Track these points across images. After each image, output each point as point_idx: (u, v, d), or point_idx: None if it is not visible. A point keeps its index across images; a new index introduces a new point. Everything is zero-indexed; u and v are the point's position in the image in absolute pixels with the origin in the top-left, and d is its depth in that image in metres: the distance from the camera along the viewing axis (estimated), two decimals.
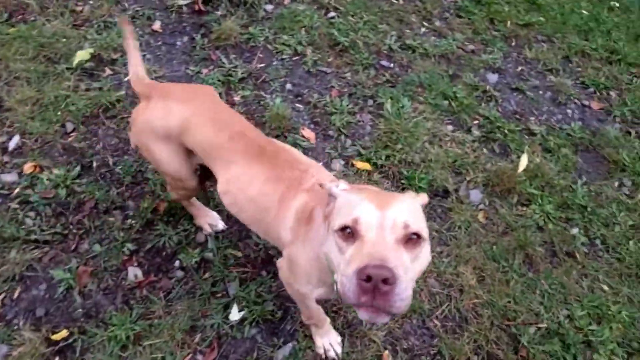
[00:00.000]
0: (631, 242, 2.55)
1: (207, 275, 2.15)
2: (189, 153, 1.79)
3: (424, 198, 1.29)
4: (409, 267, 1.05)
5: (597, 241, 2.55)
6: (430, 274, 2.24)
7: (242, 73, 2.98)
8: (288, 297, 2.13)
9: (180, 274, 2.14)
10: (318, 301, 1.72)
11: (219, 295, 2.10)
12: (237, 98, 2.87)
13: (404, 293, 0.98)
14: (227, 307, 2.07)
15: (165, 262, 2.18)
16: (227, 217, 2.33)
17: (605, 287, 2.35)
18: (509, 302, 2.19)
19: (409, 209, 1.13)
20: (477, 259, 2.31)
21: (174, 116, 1.69)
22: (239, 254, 2.23)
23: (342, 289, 1.03)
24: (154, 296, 2.05)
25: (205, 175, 1.94)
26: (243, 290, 2.10)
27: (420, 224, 1.12)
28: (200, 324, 2.01)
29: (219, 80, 2.91)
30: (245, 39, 3.22)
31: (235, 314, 2.05)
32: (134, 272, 2.11)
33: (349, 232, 1.10)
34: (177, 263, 2.17)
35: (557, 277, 2.33)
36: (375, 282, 0.96)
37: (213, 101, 1.80)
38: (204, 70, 2.98)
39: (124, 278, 2.09)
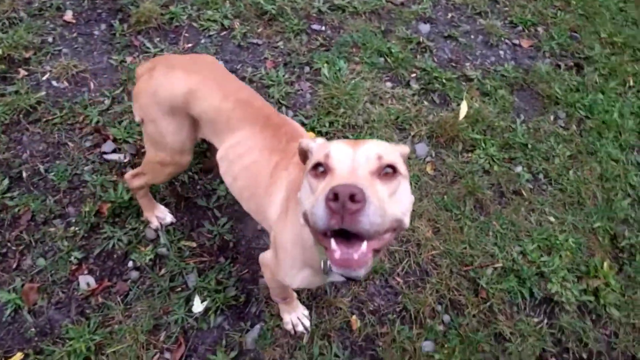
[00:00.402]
0: (571, 172, 2.67)
1: (163, 271, 2.09)
2: (193, 125, 1.74)
3: (404, 148, 1.23)
4: (384, 199, 0.98)
5: (540, 175, 2.66)
6: None
7: None
8: (250, 280, 2.11)
9: (135, 274, 2.07)
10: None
11: (179, 289, 2.06)
12: None
13: (374, 215, 0.89)
14: (188, 300, 2.03)
15: (117, 264, 2.10)
16: (176, 208, 2.26)
17: (552, 219, 2.46)
18: (465, 248, 2.26)
19: (383, 146, 1.10)
20: (430, 211, 2.36)
21: (179, 85, 1.65)
22: (194, 245, 2.17)
23: (311, 219, 0.96)
24: (110, 302, 1.98)
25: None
26: (203, 280, 2.06)
27: (395, 158, 1.07)
28: (163, 321, 1.96)
29: None
30: (168, 19, 3.05)
31: (198, 306, 2.01)
32: (86, 281, 2.02)
33: (321, 171, 1.06)
34: (130, 264, 2.10)
35: (507, 216, 2.42)
36: (343, 200, 0.88)
37: (217, 69, 1.79)
38: (129, 58, 2.81)
39: (76, 288, 2.00)
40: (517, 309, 2.13)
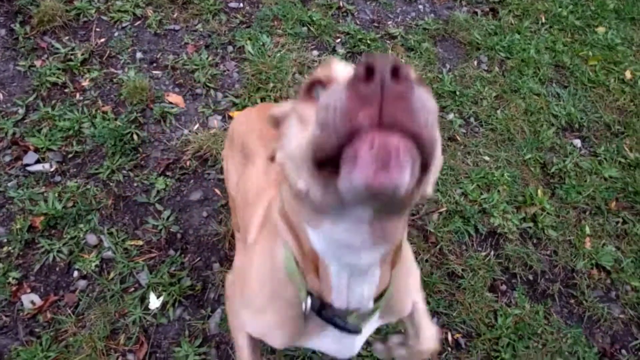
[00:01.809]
0: (498, 112, 2.79)
1: (112, 274, 2.02)
2: None
3: None
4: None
5: (471, 119, 2.76)
6: None
7: (82, 54, 2.68)
8: (203, 267, 2.09)
9: (83, 283, 2.00)
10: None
11: (132, 289, 2.01)
12: (85, 83, 2.60)
13: (428, 100, 0.53)
14: (144, 299, 1.98)
15: (61, 277, 2.01)
16: (114, 207, 2.18)
17: (487, 158, 2.57)
18: None
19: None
20: None
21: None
22: (140, 243, 2.11)
23: (321, 126, 0.54)
24: (60, 315, 1.90)
25: None
26: (155, 276, 2.02)
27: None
28: (120, 324, 1.92)
29: (58, 69, 2.60)
30: (74, 15, 2.87)
31: (154, 302, 1.97)
32: (29, 299, 1.93)
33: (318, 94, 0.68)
34: (75, 274, 2.02)
35: (445, 162, 2.50)
36: (382, 77, 0.50)
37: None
38: (37, 62, 2.64)
39: (20, 309, 1.91)
40: (466, 246, 2.23)
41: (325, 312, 0.84)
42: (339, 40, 3.03)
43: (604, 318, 2.12)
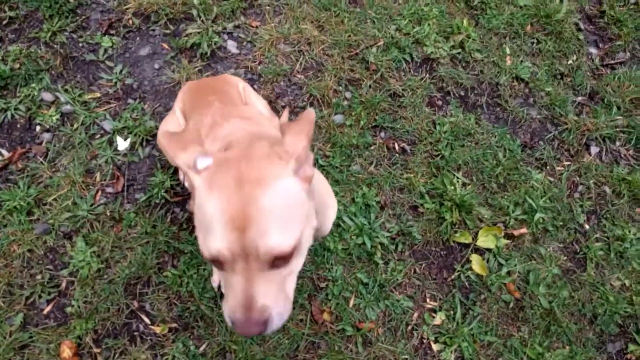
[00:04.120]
0: None
1: (76, 125, 2.09)
2: None
3: (302, 145, 0.96)
4: (281, 287, 0.95)
5: None
6: (277, 40, 2.42)
7: None
8: (164, 110, 2.19)
9: (47, 135, 2.06)
10: None
11: (98, 136, 2.09)
12: None
13: (278, 322, 0.94)
14: (112, 142, 2.08)
15: (24, 132, 2.06)
16: (64, 67, 2.20)
17: None
18: (349, 36, 2.49)
19: (275, 215, 0.89)
20: (311, 13, 2.53)
21: None
22: (97, 95, 2.17)
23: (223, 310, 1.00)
24: (33, 163, 1.98)
25: None
26: (118, 121, 2.11)
27: (291, 233, 0.91)
28: (93, 165, 2.02)
29: None
30: None
31: (122, 144, 2.08)
32: None
33: (216, 261, 0.94)
34: (38, 128, 2.07)
35: (379, 3, 2.65)
36: (246, 330, 0.94)
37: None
38: None
39: None
40: (404, 72, 2.46)
41: None
42: None
43: (524, 119, 2.46)
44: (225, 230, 0.88)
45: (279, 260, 0.92)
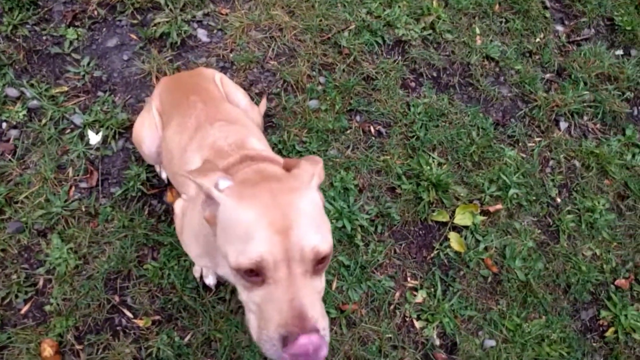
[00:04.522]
0: None
1: (44, 120, 2.04)
2: None
3: (319, 170, 1.03)
4: (321, 301, 0.92)
5: None
6: (248, 27, 2.39)
7: None
8: (136, 102, 2.15)
9: (15, 132, 2.00)
10: None
11: (68, 130, 2.05)
12: None
13: (327, 337, 0.87)
14: (83, 137, 2.04)
15: None
16: (28, 61, 2.14)
17: None
18: (320, 20, 2.47)
19: (312, 218, 0.91)
20: None
21: None
22: (65, 89, 2.11)
23: (261, 345, 0.88)
24: (1, 161, 1.92)
25: None
26: (88, 115, 2.06)
27: (327, 236, 0.92)
28: (65, 160, 1.98)
29: None
30: None
31: (94, 138, 2.04)
32: None
33: (253, 273, 0.89)
34: (4, 125, 2.01)
35: None
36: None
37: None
38: None
39: None
40: (376, 55, 2.47)
41: None
42: None
43: (495, 98, 2.51)
44: (267, 233, 0.86)
45: (320, 265, 0.90)
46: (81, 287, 1.81)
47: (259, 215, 0.88)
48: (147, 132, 1.72)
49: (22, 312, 1.78)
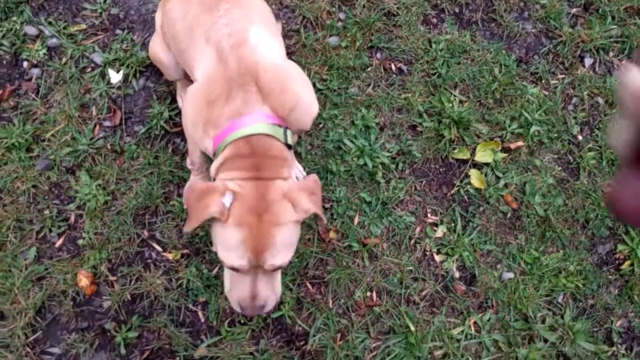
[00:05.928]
0: None
1: (65, 59, 2.03)
2: None
3: (312, 207, 1.27)
4: (275, 282, 1.35)
5: None
6: None
7: None
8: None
9: (36, 71, 2.00)
10: None
11: (89, 69, 2.04)
12: None
13: (270, 305, 1.34)
14: (104, 76, 2.04)
15: (11, 68, 2.00)
16: None
17: None
18: None
19: (282, 246, 1.26)
20: None
21: None
22: (84, 26, 2.09)
23: (228, 297, 1.38)
24: (25, 100, 1.94)
25: None
26: (108, 53, 2.05)
27: (288, 256, 1.29)
28: (87, 99, 1.99)
29: None
30: None
31: (115, 77, 2.03)
32: None
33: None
34: (25, 64, 2.01)
35: None
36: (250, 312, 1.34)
37: None
38: None
39: None
40: None
41: None
42: None
43: (519, 34, 2.44)
44: (245, 252, 1.23)
45: (278, 268, 1.30)
46: (111, 222, 1.87)
47: (243, 238, 1.22)
48: (164, 46, 1.68)
49: (57, 245, 1.85)
